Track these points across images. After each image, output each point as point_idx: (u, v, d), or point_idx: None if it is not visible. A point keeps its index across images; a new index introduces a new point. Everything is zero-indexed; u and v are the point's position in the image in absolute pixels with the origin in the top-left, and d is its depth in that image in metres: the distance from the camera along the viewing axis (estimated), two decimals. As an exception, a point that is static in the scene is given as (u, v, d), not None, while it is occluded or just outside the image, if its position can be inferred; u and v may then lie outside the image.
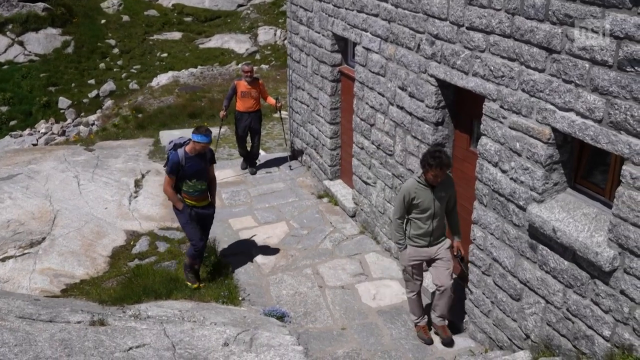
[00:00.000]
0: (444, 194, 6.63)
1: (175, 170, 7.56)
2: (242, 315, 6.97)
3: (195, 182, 7.69)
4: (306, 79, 11.31)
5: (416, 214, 6.64)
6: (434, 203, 6.57)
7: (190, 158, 7.57)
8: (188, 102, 19.36)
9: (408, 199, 6.58)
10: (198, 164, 7.65)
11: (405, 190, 6.62)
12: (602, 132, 4.87)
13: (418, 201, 6.56)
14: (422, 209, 6.59)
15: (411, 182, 6.64)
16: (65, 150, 13.68)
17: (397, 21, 7.75)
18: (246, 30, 29.33)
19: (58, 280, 8.43)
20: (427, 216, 6.62)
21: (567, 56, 5.14)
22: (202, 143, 7.48)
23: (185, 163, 7.54)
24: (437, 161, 6.30)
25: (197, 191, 7.77)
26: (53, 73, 24.96)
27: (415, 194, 6.54)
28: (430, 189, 6.54)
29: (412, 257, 6.80)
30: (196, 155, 7.60)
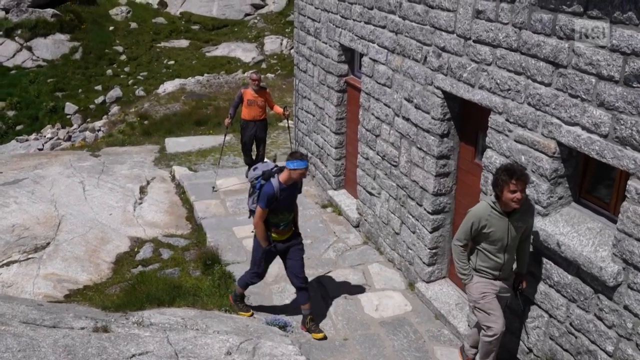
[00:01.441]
0: (522, 223, 5.63)
1: (271, 204, 6.77)
2: (245, 324, 6.97)
3: (286, 214, 7.01)
4: (312, 89, 11.35)
5: (486, 244, 5.72)
6: (508, 234, 5.59)
7: (284, 189, 6.81)
8: (194, 109, 19.46)
9: (477, 226, 5.63)
10: (291, 194, 6.99)
11: (474, 216, 5.66)
12: (608, 147, 4.88)
13: (489, 230, 5.60)
14: (493, 239, 5.63)
15: (483, 208, 5.65)
16: (71, 155, 13.74)
17: (405, 33, 7.79)
18: (253, 39, 29.46)
19: (62, 286, 8.45)
20: (498, 248, 5.67)
21: (573, 71, 5.17)
22: (301, 169, 6.71)
23: (280, 195, 6.77)
24: (510, 172, 5.35)
25: (285, 223, 7.08)
26: (60, 79, 25.08)
27: (487, 222, 5.59)
28: (506, 217, 5.56)
29: (482, 288, 5.81)
30: (290, 185, 6.88)
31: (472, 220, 5.64)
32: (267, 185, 6.75)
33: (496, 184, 5.44)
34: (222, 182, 11.85)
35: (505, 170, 5.38)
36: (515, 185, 5.29)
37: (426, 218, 7.76)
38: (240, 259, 9.02)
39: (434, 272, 7.99)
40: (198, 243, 9.72)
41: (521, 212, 5.55)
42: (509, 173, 5.32)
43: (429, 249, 7.83)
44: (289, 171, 6.73)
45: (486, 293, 5.78)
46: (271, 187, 6.72)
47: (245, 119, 11.55)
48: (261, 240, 7.06)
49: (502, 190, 5.38)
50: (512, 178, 5.28)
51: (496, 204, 5.55)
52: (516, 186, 5.29)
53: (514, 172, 5.32)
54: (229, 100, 20.47)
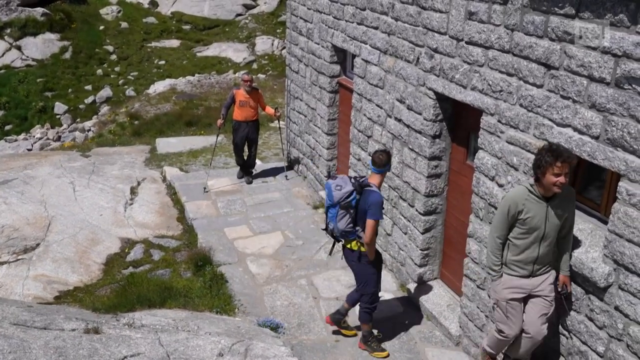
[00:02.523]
0: (562, 211, 5.16)
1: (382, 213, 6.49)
2: (236, 325, 6.95)
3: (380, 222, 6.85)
4: (304, 90, 11.34)
5: (519, 234, 5.26)
6: (546, 222, 5.15)
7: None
8: (185, 110, 19.40)
9: (514, 212, 5.18)
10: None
11: (510, 200, 5.20)
12: (599, 148, 4.90)
13: (526, 216, 5.15)
14: (530, 227, 5.18)
15: (520, 191, 5.21)
16: (61, 156, 13.66)
17: (397, 34, 7.79)
18: (244, 40, 29.40)
19: (51, 287, 8.40)
20: (534, 238, 5.21)
21: (565, 72, 5.18)
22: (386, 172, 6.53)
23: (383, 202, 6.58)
24: (556, 153, 4.89)
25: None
26: (50, 78, 24.93)
27: (524, 206, 5.15)
28: (545, 202, 5.15)
29: (509, 290, 5.39)
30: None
31: (508, 205, 5.18)
32: (374, 194, 6.33)
33: (538, 165, 4.97)
34: (214, 183, 11.81)
35: (550, 151, 4.91)
36: (561, 168, 4.85)
37: (418, 219, 7.76)
38: (231, 260, 9.00)
39: (426, 273, 8.00)
40: (189, 244, 9.69)
41: (561, 197, 5.09)
42: (555, 154, 4.85)
43: (421, 250, 7.84)
44: (381, 176, 6.50)
45: (512, 295, 5.38)
46: (379, 194, 6.35)
47: (237, 120, 11.54)
48: (371, 254, 6.61)
49: (544, 173, 4.92)
50: (558, 160, 4.83)
51: (534, 187, 5.11)
52: (561, 169, 4.85)
53: (560, 154, 4.86)
54: (220, 101, 20.42)
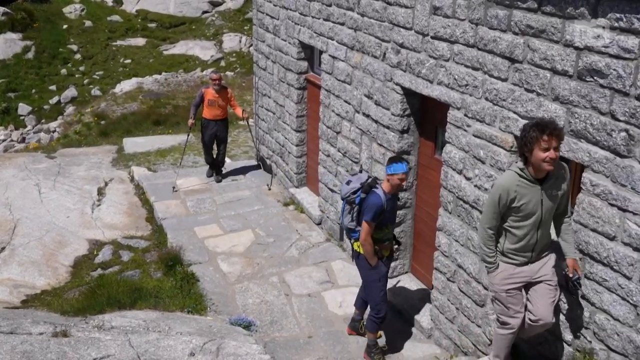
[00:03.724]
0: (557, 191, 4.86)
1: (378, 216, 6.14)
2: (208, 324, 6.91)
3: (390, 228, 6.45)
4: (272, 87, 11.31)
5: (515, 222, 4.93)
6: (541, 206, 4.83)
7: (389, 200, 6.20)
8: (152, 108, 19.20)
9: (506, 200, 4.84)
10: (395, 205, 6.46)
11: (500, 187, 4.86)
12: (564, 140, 4.97)
13: (520, 203, 4.81)
14: (525, 214, 4.86)
15: (510, 177, 4.87)
16: (25, 157, 13.42)
17: (363, 30, 7.81)
18: (211, 37, 29.18)
19: (18, 291, 8.25)
20: (531, 224, 4.90)
21: (529, 66, 5.25)
22: (399, 174, 6.04)
23: (387, 206, 6.16)
24: (541, 127, 4.58)
25: (389, 238, 6.51)
26: (13, 79, 24.44)
27: (517, 193, 4.80)
28: (538, 184, 4.81)
29: (507, 280, 5.09)
30: (393, 194, 6.31)
31: (498, 193, 4.84)
32: (374, 196, 6.11)
33: (524, 143, 4.65)
34: (183, 182, 11.72)
35: (535, 126, 4.60)
36: (548, 141, 4.52)
37: (388, 214, 7.80)
38: (202, 259, 8.95)
39: (397, 267, 8.05)
40: (159, 244, 9.60)
41: (554, 177, 4.81)
42: (540, 127, 4.55)
43: (391, 245, 7.88)
44: (390, 177, 6.11)
45: (511, 285, 5.08)
46: (379, 198, 6.09)
47: (206, 118, 11.46)
48: (370, 258, 6.34)
49: (531, 150, 4.60)
50: (544, 133, 4.52)
51: (525, 170, 4.78)
52: (549, 142, 4.52)
53: (545, 126, 4.55)
54: (187, 99, 20.25)
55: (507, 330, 5.24)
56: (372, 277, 6.46)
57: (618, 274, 4.66)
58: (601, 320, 4.84)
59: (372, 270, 6.42)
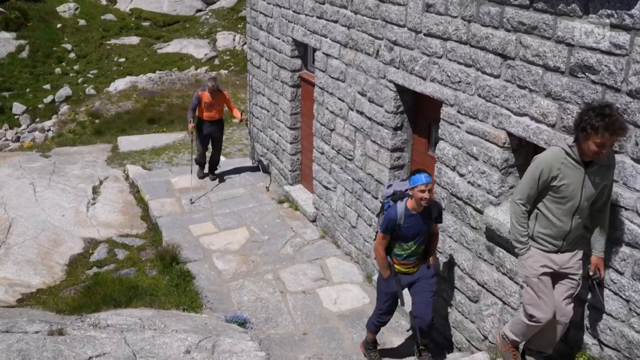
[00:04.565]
0: (600, 179, 4.46)
1: (391, 230, 5.87)
2: (204, 322, 6.93)
3: (412, 245, 5.95)
4: (266, 85, 11.32)
5: (551, 203, 4.59)
6: (582, 191, 4.47)
7: (411, 216, 5.80)
8: (146, 107, 19.18)
9: (547, 177, 4.48)
10: (420, 224, 5.85)
11: (544, 162, 4.50)
12: (556, 136, 5.01)
13: (561, 183, 4.46)
14: (563, 196, 4.51)
15: (556, 153, 4.50)
16: (20, 156, 13.39)
17: (357, 27, 7.83)
18: (205, 36, 29.16)
19: (13, 290, 8.24)
20: (567, 209, 4.54)
21: (521, 62, 5.28)
22: (418, 186, 5.57)
23: (403, 222, 5.81)
24: (607, 122, 4.12)
25: (413, 256, 6.04)
26: (7, 78, 24.37)
27: (560, 171, 4.45)
28: (583, 167, 4.45)
29: (540, 263, 4.74)
30: (422, 212, 5.80)
31: (541, 167, 4.47)
32: (392, 209, 5.85)
33: (582, 128, 4.24)
34: (177, 180, 11.72)
35: (601, 115, 4.14)
36: (610, 139, 4.17)
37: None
38: (197, 257, 8.96)
39: (391, 263, 8.07)
40: (154, 242, 9.61)
41: (601, 163, 4.42)
42: (606, 123, 4.11)
43: (386, 241, 7.90)
44: (413, 192, 5.67)
45: (544, 269, 4.70)
46: (394, 212, 5.81)
47: (202, 119, 11.31)
48: (380, 268, 6.14)
49: (586, 138, 4.23)
50: (607, 131, 4.12)
51: (573, 148, 4.40)
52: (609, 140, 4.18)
53: (612, 124, 4.10)
54: (182, 97, 20.25)
55: (533, 322, 4.83)
56: (381, 287, 6.27)
57: (610, 269, 4.70)
58: (593, 317, 4.87)
59: (383, 281, 6.19)
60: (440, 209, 6.00)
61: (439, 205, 6.00)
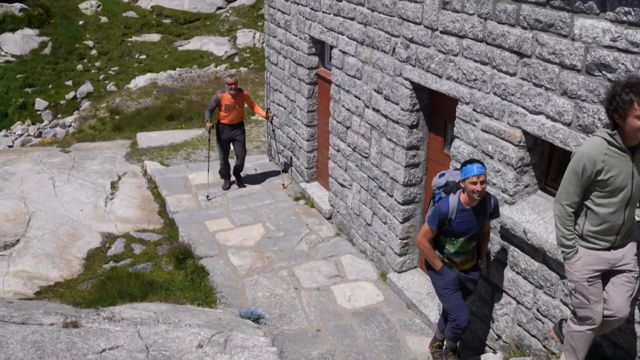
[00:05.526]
0: None
1: (439, 224, 5.45)
2: (218, 317, 6.97)
3: (464, 242, 5.53)
4: (283, 82, 11.34)
5: (599, 198, 4.17)
6: (632, 179, 4.07)
7: (464, 211, 5.36)
8: (166, 104, 19.32)
9: (591, 172, 4.06)
10: (473, 220, 5.40)
11: (585, 156, 4.06)
12: (571, 135, 4.97)
13: (608, 176, 4.05)
14: (613, 189, 4.09)
15: (597, 144, 4.07)
16: (40, 152, 13.56)
17: (373, 25, 7.82)
18: (225, 33, 29.30)
19: (32, 283, 8.35)
20: (619, 201, 4.14)
21: (537, 60, 5.24)
22: (470, 177, 5.13)
23: (455, 217, 5.38)
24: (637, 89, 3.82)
25: (462, 253, 5.62)
26: (30, 74, 24.71)
27: (604, 163, 4.03)
28: (629, 154, 4.04)
29: (588, 266, 4.35)
30: (473, 209, 5.37)
31: (582, 162, 4.05)
32: (442, 202, 5.43)
33: (615, 108, 3.90)
34: (195, 176, 11.80)
35: (628, 87, 3.84)
36: None
37: (397, 209, 7.81)
38: (212, 252, 9.01)
39: (406, 262, 8.06)
40: (170, 238, 9.68)
41: None
42: (637, 90, 3.78)
43: (400, 239, 7.90)
44: (465, 184, 5.24)
45: (592, 273, 4.33)
46: (446, 205, 5.38)
47: (223, 123, 10.86)
48: (430, 260, 5.67)
49: (625, 116, 3.86)
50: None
51: (615, 136, 3.99)
52: None
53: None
54: (201, 94, 20.36)
55: (587, 326, 4.48)
56: (439, 283, 5.71)
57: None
58: (608, 316, 4.82)
59: (438, 276, 5.68)
60: (497, 204, 5.54)
61: (495, 199, 5.53)
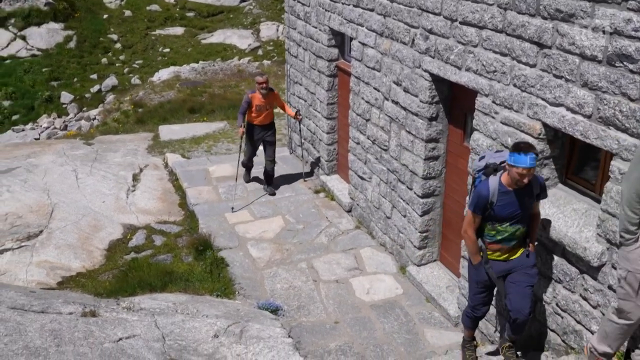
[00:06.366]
0: None
1: (481, 208, 5.14)
2: (236, 308, 7.00)
3: (508, 227, 5.17)
4: (304, 74, 11.33)
5: None
6: None
7: (506, 193, 5.05)
8: (188, 97, 19.45)
9: None
10: (517, 204, 5.07)
11: None
12: (592, 127, 4.88)
13: None
14: None
15: None
16: (64, 144, 13.73)
17: (392, 16, 7.76)
18: (248, 26, 29.36)
19: (55, 273, 8.48)
20: None
21: (557, 51, 5.15)
22: (518, 168, 4.83)
23: (496, 200, 5.08)
24: None
25: (510, 240, 5.24)
26: (55, 68, 25.03)
27: None
28: None
29: None
30: (516, 191, 5.04)
31: None
32: (482, 184, 5.14)
33: None
34: (215, 169, 11.85)
35: None
36: None
37: (416, 202, 7.77)
38: (232, 244, 9.05)
39: (425, 255, 8.02)
40: (190, 229, 9.74)
41: None
42: None
43: (420, 233, 7.85)
44: (509, 168, 4.96)
45: None
46: (486, 188, 5.09)
47: (253, 124, 10.51)
48: (469, 253, 5.41)
49: None
50: None
51: None
52: None
53: None
54: (223, 88, 20.45)
55: (624, 320, 4.39)
56: (470, 276, 5.53)
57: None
58: None
59: (472, 269, 5.47)
60: (543, 184, 5.20)
61: (541, 180, 5.20)
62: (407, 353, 6.75)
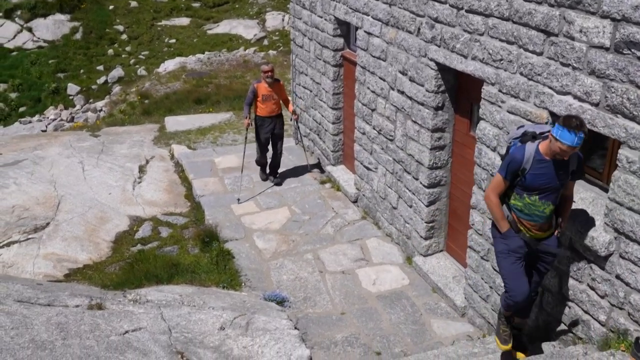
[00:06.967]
0: None
1: (512, 173, 4.85)
2: (242, 299, 7.00)
3: (537, 201, 4.84)
4: (309, 64, 11.26)
5: None
6: None
7: (542, 162, 4.75)
8: (194, 87, 19.41)
9: None
10: (551, 173, 4.76)
11: None
12: (599, 115, 4.82)
13: None
14: None
15: None
16: (70, 136, 13.75)
17: (398, 4, 7.69)
18: (254, 16, 29.25)
19: (61, 265, 8.50)
20: None
21: (564, 39, 5.08)
22: (562, 144, 4.51)
23: (530, 167, 4.78)
24: None
25: (537, 216, 4.90)
26: (62, 59, 25.04)
27: None
28: None
29: None
30: (553, 161, 4.74)
31: None
32: (518, 149, 4.83)
33: None
34: (221, 160, 11.83)
35: None
36: None
37: (422, 192, 7.73)
38: (238, 235, 9.04)
39: (431, 245, 7.98)
40: (196, 221, 9.74)
41: None
42: None
43: (426, 223, 7.82)
44: (552, 140, 4.60)
45: None
46: (521, 153, 4.77)
47: (262, 116, 10.37)
48: (496, 220, 5.04)
49: None
50: None
51: None
52: None
53: None
54: (229, 78, 20.40)
55: None
56: (499, 246, 5.07)
57: None
58: (636, 301, 4.70)
59: (502, 239, 5.04)
60: (581, 161, 4.85)
61: (580, 156, 4.82)
62: (414, 344, 6.74)
